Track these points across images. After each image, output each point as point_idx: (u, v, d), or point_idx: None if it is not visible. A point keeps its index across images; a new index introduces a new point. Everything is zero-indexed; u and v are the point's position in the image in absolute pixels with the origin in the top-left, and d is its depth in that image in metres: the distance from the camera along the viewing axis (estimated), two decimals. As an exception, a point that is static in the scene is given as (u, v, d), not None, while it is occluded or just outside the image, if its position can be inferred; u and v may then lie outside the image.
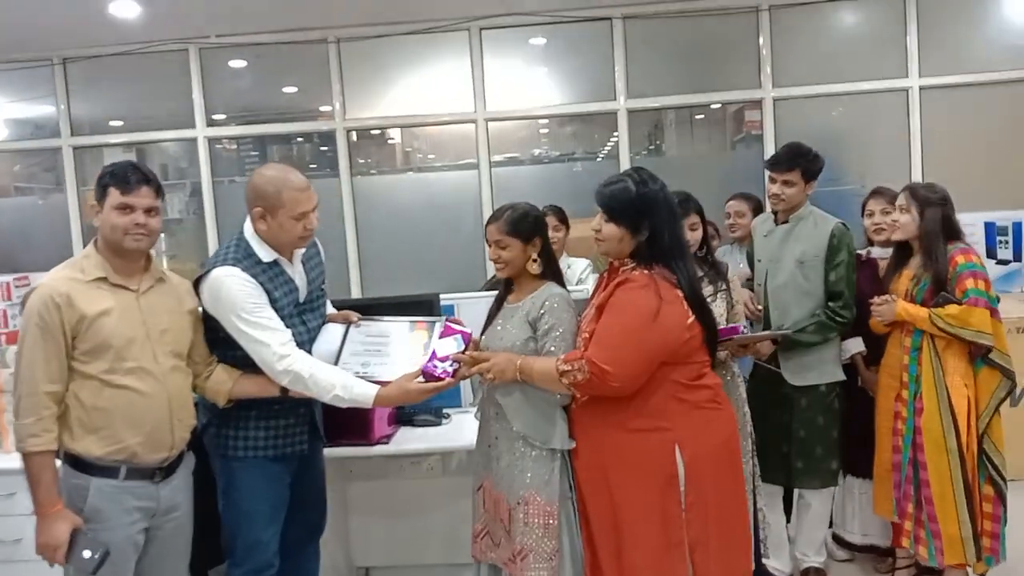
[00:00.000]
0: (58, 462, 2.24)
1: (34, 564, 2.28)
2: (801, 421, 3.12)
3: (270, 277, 2.44)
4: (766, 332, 3.05)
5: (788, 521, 3.48)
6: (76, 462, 2.23)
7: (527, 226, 2.46)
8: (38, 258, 4.96)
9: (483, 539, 2.51)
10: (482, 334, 2.54)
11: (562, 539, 2.37)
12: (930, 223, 2.98)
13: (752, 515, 2.77)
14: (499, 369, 2.35)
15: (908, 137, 5.30)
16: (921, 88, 5.27)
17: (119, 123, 5.99)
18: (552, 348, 2.36)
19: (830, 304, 3.12)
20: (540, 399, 2.37)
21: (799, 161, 3.12)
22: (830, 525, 3.61)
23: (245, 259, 2.42)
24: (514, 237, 2.44)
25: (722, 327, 2.73)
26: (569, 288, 2.55)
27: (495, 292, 2.65)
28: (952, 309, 2.91)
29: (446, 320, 2.58)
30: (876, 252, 3.36)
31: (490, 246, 2.48)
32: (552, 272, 2.52)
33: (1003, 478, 2.99)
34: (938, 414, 2.94)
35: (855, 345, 3.34)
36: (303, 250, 2.58)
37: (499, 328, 2.49)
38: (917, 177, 5.16)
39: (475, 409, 2.62)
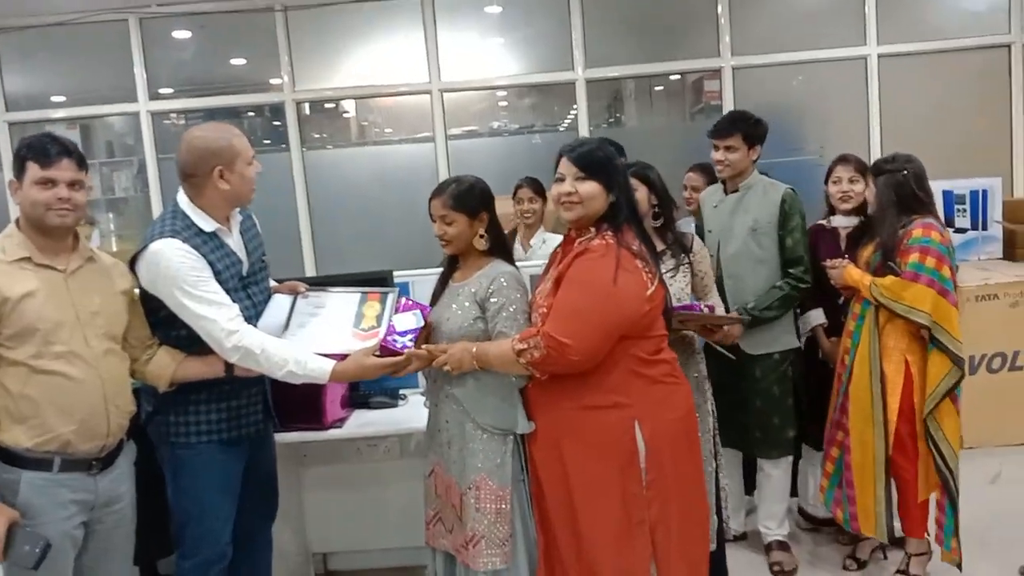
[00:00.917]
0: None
1: (-35, 562, 2.16)
2: (756, 391, 3.10)
3: (211, 249, 2.33)
4: (733, 315, 2.96)
5: (750, 491, 3.50)
6: (5, 455, 2.11)
7: (473, 200, 2.37)
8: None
9: (435, 525, 2.45)
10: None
11: (514, 523, 2.32)
12: (882, 193, 2.95)
13: (715, 485, 2.75)
14: (456, 360, 2.27)
15: (867, 106, 5.29)
16: (879, 56, 5.25)
17: (61, 99, 5.75)
18: (503, 328, 2.28)
19: (790, 271, 3.11)
20: (497, 385, 2.30)
21: (739, 125, 3.12)
22: (794, 496, 3.62)
23: (184, 230, 2.30)
24: (459, 212, 2.35)
25: (683, 303, 2.68)
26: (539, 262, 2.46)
27: None
28: (887, 280, 2.87)
29: (402, 296, 2.48)
30: (837, 221, 3.31)
31: (435, 222, 2.38)
32: (500, 248, 2.44)
33: (950, 470, 2.89)
34: (868, 383, 2.91)
35: (816, 316, 3.32)
36: (240, 219, 2.48)
37: (445, 308, 2.39)
38: (876, 146, 5.16)
39: (424, 397, 2.53)
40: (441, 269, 2.54)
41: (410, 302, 2.43)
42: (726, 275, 3.13)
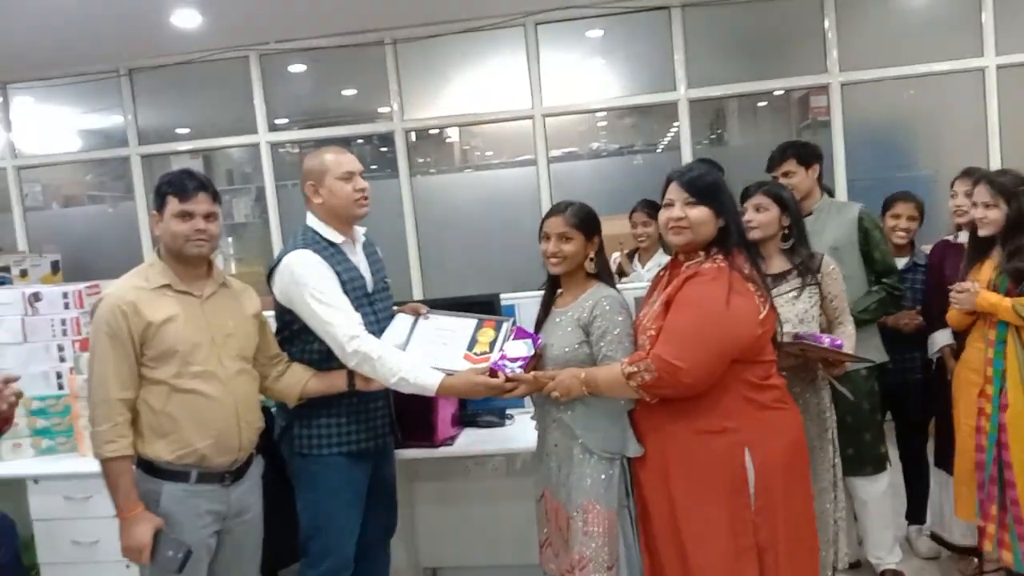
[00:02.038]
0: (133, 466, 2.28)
1: (111, 565, 2.35)
2: (846, 408, 2.99)
3: (338, 261, 2.50)
4: (860, 356, 2.87)
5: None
6: (148, 467, 2.28)
7: (592, 222, 2.42)
8: (109, 266, 5.05)
9: (547, 549, 2.47)
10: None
11: (619, 548, 2.32)
12: (1016, 214, 2.84)
13: (833, 517, 2.68)
14: (564, 386, 2.28)
15: (985, 119, 5.05)
16: (998, 67, 5.02)
17: (185, 131, 6.11)
18: (608, 352, 2.30)
19: (885, 281, 3.16)
20: (605, 410, 2.31)
21: (789, 152, 3.21)
22: (920, 522, 3.50)
23: (314, 243, 2.50)
24: (579, 231, 2.39)
25: (809, 332, 2.62)
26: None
27: None
28: None
29: (516, 325, 2.54)
30: (964, 237, 3.21)
31: (548, 239, 2.40)
32: (603, 273, 2.46)
33: None
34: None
35: (944, 337, 3.23)
36: (363, 238, 2.64)
37: (549, 334, 2.43)
38: (995, 161, 4.93)
39: (532, 421, 2.57)
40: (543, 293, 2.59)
41: (524, 332, 2.47)
42: None
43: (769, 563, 2.21)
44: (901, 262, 3.42)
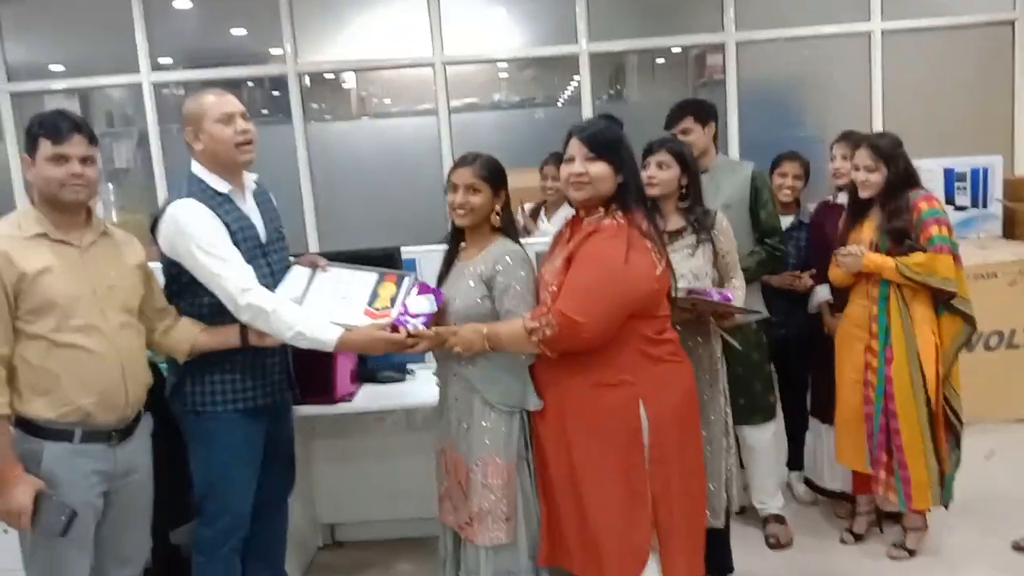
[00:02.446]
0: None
1: (-11, 531, 2.21)
2: (738, 358, 3.08)
3: (227, 211, 2.39)
4: (749, 308, 2.96)
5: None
6: (28, 426, 2.16)
7: (500, 176, 2.42)
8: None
9: (446, 502, 2.49)
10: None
11: (517, 500, 2.36)
12: (895, 176, 2.98)
13: (723, 464, 2.78)
14: (466, 341, 2.29)
15: (869, 83, 5.27)
16: (883, 32, 5.23)
17: (59, 68, 5.71)
18: (510, 307, 2.31)
19: (767, 241, 3.25)
20: (506, 364, 2.33)
21: (686, 109, 3.25)
22: (799, 468, 3.68)
23: (200, 192, 2.38)
24: (487, 183, 2.38)
25: (699, 288, 2.67)
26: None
27: None
28: (918, 257, 2.92)
29: (418, 280, 2.50)
30: (844, 198, 3.35)
31: (456, 190, 2.38)
32: (508, 227, 2.46)
33: (960, 421, 3.05)
34: (907, 363, 2.97)
35: (823, 293, 3.39)
36: (254, 187, 2.54)
37: (452, 288, 2.42)
38: (877, 123, 5.16)
39: (434, 376, 2.56)
40: (445, 246, 2.56)
41: (426, 287, 2.44)
42: None
43: (663, 512, 2.29)
44: (787, 220, 3.54)
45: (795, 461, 3.79)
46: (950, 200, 4.74)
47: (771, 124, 5.28)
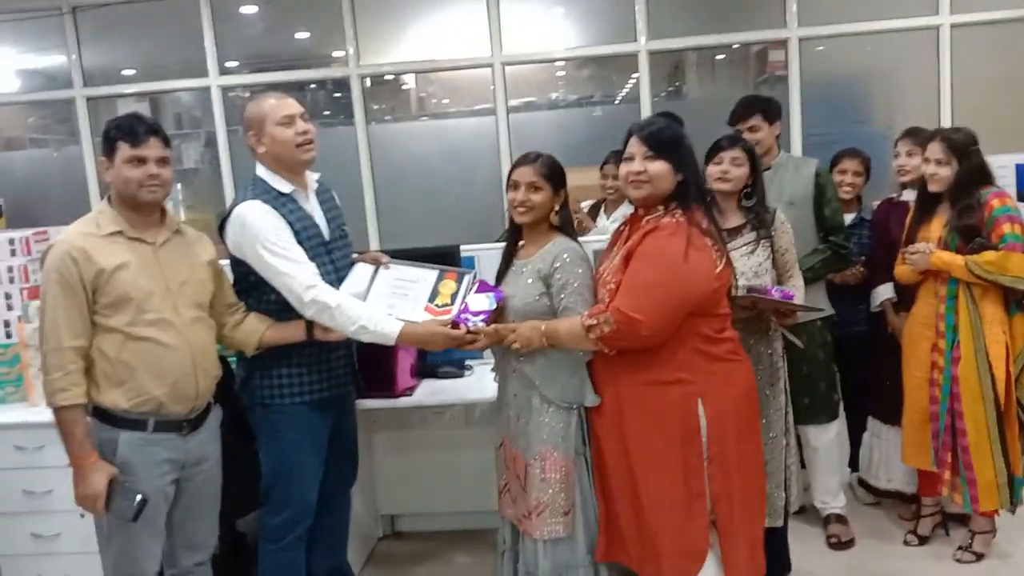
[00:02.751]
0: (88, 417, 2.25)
1: (66, 515, 2.32)
2: (802, 358, 3.06)
3: (290, 210, 2.45)
4: (810, 305, 2.93)
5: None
6: (104, 415, 2.25)
7: (560, 175, 2.44)
8: (55, 211, 4.94)
9: (505, 495, 2.52)
10: None
11: (575, 495, 2.37)
12: (966, 172, 2.90)
13: (784, 462, 2.76)
14: (525, 338, 2.31)
15: (938, 77, 5.13)
16: (952, 26, 5.08)
17: (131, 72, 5.91)
18: (568, 304, 2.32)
19: (831, 239, 3.19)
20: (565, 361, 2.34)
21: (755, 106, 3.22)
22: (856, 469, 3.62)
23: (263, 194, 2.44)
24: (548, 182, 2.40)
25: (761, 286, 2.65)
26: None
27: None
28: (989, 255, 2.84)
29: (478, 278, 2.53)
30: (908, 195, 3.28)
31: (517, 188, 2.40)
32: (566, 226, 2.48)
33: None
34: (975, 363, 2.89)
35: (886, 291, 3.33)
36: (316, 186, 2.59)
37: (510, 285, 2.45)
38: (946, 118, 5.02)
39: (492, 372, 2.59)
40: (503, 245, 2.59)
41: (486, 285, 2.47)
42: None
43: (722, 510, 2.28)
44: (848, 217, 3.48)
45: (852, 461, 3.72)
46: (1022, 196, 4.59)
47: (834, 120, 5.17)
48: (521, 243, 2.50)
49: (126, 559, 2.30)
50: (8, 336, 3.15)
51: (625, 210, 4.04)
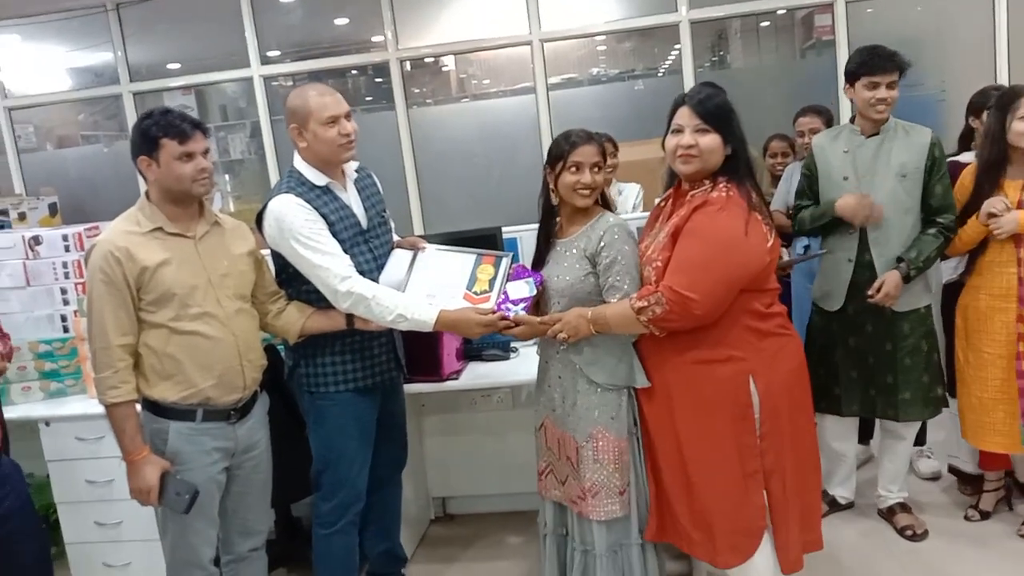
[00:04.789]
0: (139, 407, 2.30)
1: (126, 503, 2.38)
2: (906, 349, 2.91)
3: (325, 203, 2.45)
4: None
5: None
6: (154, 407, 2.30)
7: (604, 153, 2.41)
8: (107, 206, 5.05)
9: (547, 477, 2.50)
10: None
11: (630, 474, 2.36)
12: None
13: None
14: (572, 327, 2.27)
15: (993, 36, 4.93)
16: (1009, -21, 4.88)
17: (176, 66, 5.99)
18: (615, 282, 2.27)
19: (939, 220, 2.89)
20: (613, 344, 2.31)
21: (897, 60, 2.86)
22: (923, 443, 3.53)
23: (298, 187, 2.44)
24: (604, 161, 2.37)
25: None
26: (622, 215, 2.45)
27: None
28: None
29: (516, 263, 2.50)
30: (966, 157, 3.14)
31: (579, 171, 2.30)
32: (606, 202, 2.44)
33: None
34: None
35: (953, 263, 3.16)
36: (355, 175, 2.59)
37: (554, 266, 2.40)
38: (1003, 78, 4.83)
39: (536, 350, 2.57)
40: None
41: (524, 270, 2.44)
42: (870, 226, 2.89)
43: (776, 486, 2.25)
44: None
45: (918, 436, 3.61)
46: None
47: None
48: (557, 222, 2.45)
49: (182, 546, 2.35)
50: (65, 330, 3.24)
51: (619, 186, 3.98)
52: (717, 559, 2.26)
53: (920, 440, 3.59)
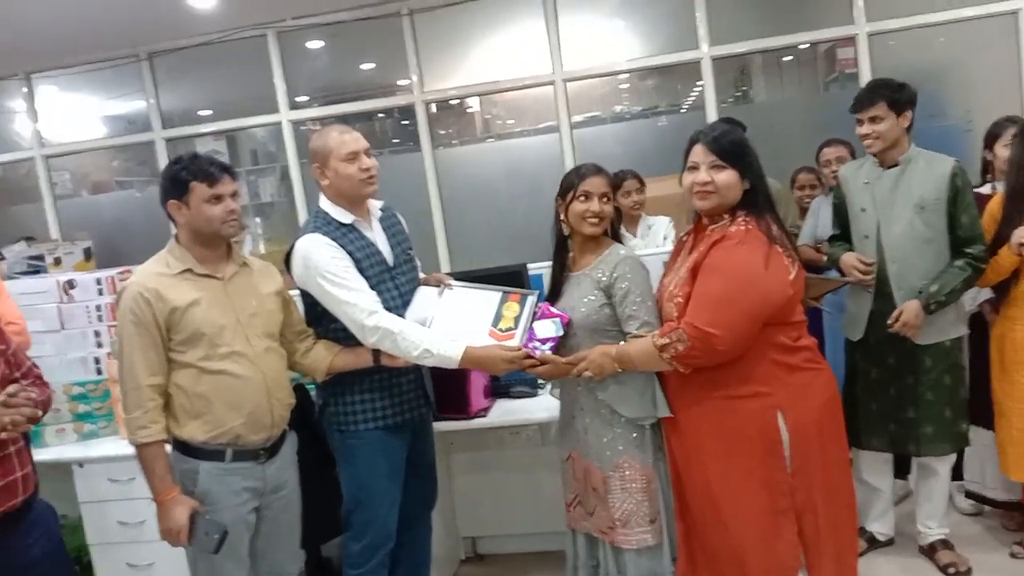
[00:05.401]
0: (169, 447, 2.32)
1: (158, 545, 2.38)
2: (927, 383, 2.88)
3: (351, 240, 2.48)
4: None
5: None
6: (184, 447, 2.32)
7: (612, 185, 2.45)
8: (140, 250, 5.09)
9: (576, 508, 2.49)
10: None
11: (659, 502, 2.35)
12: None
13: None
14: (597, 365, 2.27)
15: (1019, 65, 4.90)
16: (1032, 8, 4.87)
17: (207, 113, 6.13)
18: (632, 312, 2.29)
19: (968, 251, 2.84)
20: (636, 378, 2.31)
21: (881, 92, 2.88)
22: (960, 479, 3.43)
23: (324, 226, 2.48)
24: (612, 191, 2.42)
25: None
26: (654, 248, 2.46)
27: None
28: None
29: (540, 304, 2.50)
30: (985, 189, 3.11)
31: (589, 200, 2.37)
32: (614, 232, 2.48)
33: None
34: None
35: (984, 291, 3.12)
36: (380, 213, 2.63)
37: (568, 298, 2.42)
38: (1031, 108, 4.79)
39: (550, 387, 2.57)
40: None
41: (550, 310, 2.45)
42: (889, 259, 2.88)
43: (808, 524, 2.21)
44: None
45: (956, 470, 3.54)
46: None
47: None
48: (571, 254, 2.49)
49: (213, 587, 2.35)
50: (99, 372, 3.29)
51: (649, 220, 4.00)
52: (751, 599, 2.22)
53: (958, 475, 3.51)
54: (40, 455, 2.81)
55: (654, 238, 4.01)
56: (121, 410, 3.08)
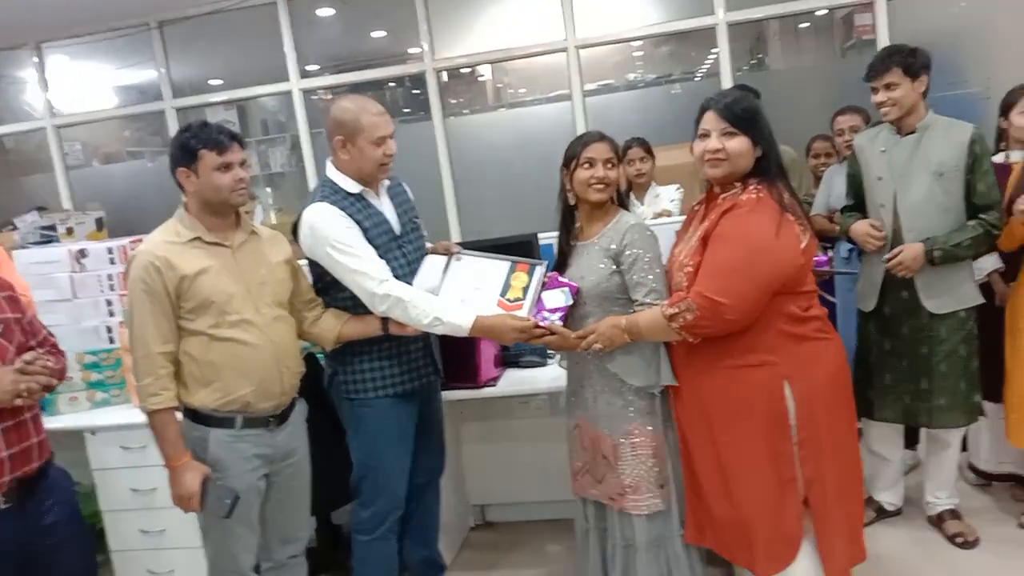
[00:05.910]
0: (179, 415, 2.33)
1: (170, 511, 2.41)
2: (942, 354, 2.84)
3: (359, 209, 2.47)
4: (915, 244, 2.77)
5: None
6: (194, 415, 2.33)
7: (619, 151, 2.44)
8: (152, 220, 5.09)
9: (583, 477, 2.50)
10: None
11: (668, 466, 2.36)
12: None
13: None
14: (607, 338, 2.27)
15: (1041, 29, 4.80)
16: (1056, -29, 4.75)
17: (218, 82, 6.10)
18: (639, 279, 2.28)
19: (982, 217, 2.80)
20: (644, 348, 2.30)
21: (894, 58, 2.82)
22: (963, 450, 3.43)
23: (332, 195, 2.47)
24: (618, 159, 2.40)
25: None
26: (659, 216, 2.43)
27: None
28: None
29: (549, 274, 2.49)
30: (1016, 156, 3.06)
31: (593, 166, 2.36)
32: (623, 201, 2.48)
33: None
34: None
35: (992, 261, 3.08)
36: (387, 183, 2.60)
37: (577, 267, 2.41)
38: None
39: (558, 358, 2.57)
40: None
41: (559, 279, 2.44)
42: (906, 228, 2.84)
43: (815, 496, 2.20)
44: None
45: (965, 442, 3.52)
46: None
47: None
48: (577, 224, 2.47)
49: (223, 554, 2.38)
50: (111, 341, 3.31)
51: (657, 189, 3.96)
52: (756, 566, 2.23)
53: (966, 446, 3.50)
54: (53, 423, 2.83)
55: (659, 205, 3.99)
56: (133, 378, 3.12)
